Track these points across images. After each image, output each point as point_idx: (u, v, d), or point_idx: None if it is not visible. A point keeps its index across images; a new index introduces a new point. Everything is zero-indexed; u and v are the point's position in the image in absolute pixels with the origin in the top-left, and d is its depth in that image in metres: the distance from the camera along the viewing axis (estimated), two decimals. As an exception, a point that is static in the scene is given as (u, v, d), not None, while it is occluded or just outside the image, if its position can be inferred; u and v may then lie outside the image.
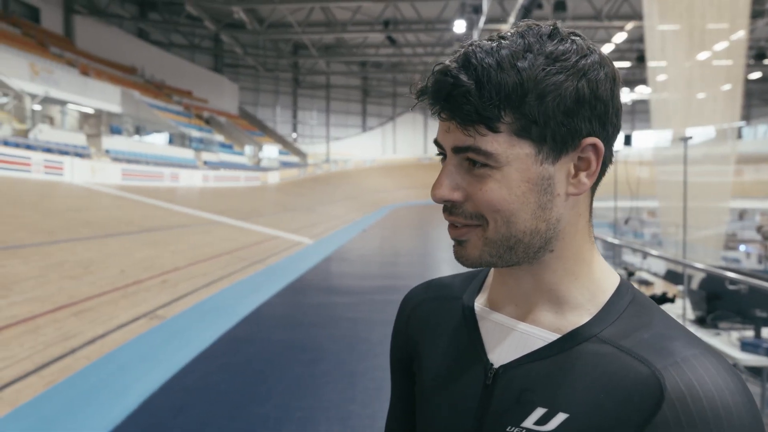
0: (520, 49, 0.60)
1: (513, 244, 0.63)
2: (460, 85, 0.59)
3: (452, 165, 0.64)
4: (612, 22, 28.27)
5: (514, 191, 0.61)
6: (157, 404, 4.35)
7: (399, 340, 0.83)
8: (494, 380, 0.67)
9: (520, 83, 0.59)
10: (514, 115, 0.60)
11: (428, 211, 33.67)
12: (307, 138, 49.43)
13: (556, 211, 0.63)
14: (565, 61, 0.60)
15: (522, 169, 0.61)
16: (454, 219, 0.65)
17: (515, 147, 0.60)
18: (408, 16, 32.01)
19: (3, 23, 22.36)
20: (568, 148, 0.62)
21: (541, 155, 0.61)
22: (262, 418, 4.16)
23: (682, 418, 0.55)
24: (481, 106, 0.59)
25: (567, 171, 0.63)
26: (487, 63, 0.59)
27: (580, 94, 0.60)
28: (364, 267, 12.40)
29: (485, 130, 0.60)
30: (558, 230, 0.64)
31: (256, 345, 6.09)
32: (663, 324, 0.63)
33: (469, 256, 0.65)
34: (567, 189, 0.63)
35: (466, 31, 27.11)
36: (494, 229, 0.63)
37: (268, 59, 41.63)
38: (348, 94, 51.63)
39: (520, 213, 0.62)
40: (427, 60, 42.62)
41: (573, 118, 0.60)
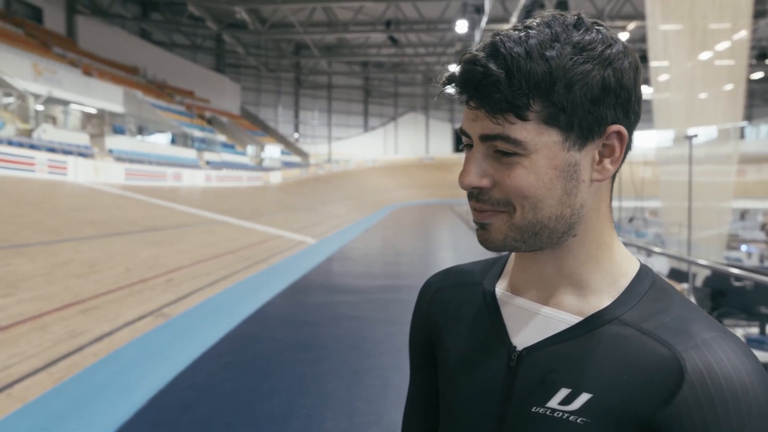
0: (548, 38, 0.61)
1: (538, 230, 0.65)
2: (490, 74, 0.61)
3: (479, 153, 0.65)
4: (614, 22, 28.25)
5: (542, 178, 0.63)
6: (164, 401, 4.38)
7: (420, 327, 0.85)
8: (518, 362, 0.68)
9: (549, 72, 0.60)
10: (542, 104, 0.61)
11: (430, 211, 33.70)
12: (308, 138, 49.48)
13: (581, 196, 0.65)
14: (592, 50, 0.61)
15: (550, 156, 0.63)
16: (480, 206, 0.66)
17: (543, 135, 0.62)
18: (410, 16, 32.05)
19: (6, 23, 22.42)
20: (594, 136, 0.63)
21: (568, 142, 0.63)
22: (268, 415, 4.20)
23: (701, 397, 0.57)
24: (511, 94, 0.60)
25: (592, 157, 0.65)
26: (516, 52, 0.60)
27: (606, 82, 0.61)
28: (367, 266, 12.43)
29: (514, 119, 0.61)
30: (581, 215, 0.66)
31: (260, 343, 6.13)
32: (683, 308, 0.65)
33: (493, 239, 0.67)
34: (591, 175, 0.65)
35: (468, 31, 27.13)
36: (521, 215, 0.64)
37: (270, 59, 41.67)
38: (350, 94, 51.66)
39: (547, 199, 0.64)
40: (429, 60, 42.66)
41: (599, 106, 0.62)
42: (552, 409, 0.64)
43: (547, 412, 0.65)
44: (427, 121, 54.87)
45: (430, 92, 53.81)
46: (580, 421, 0.62)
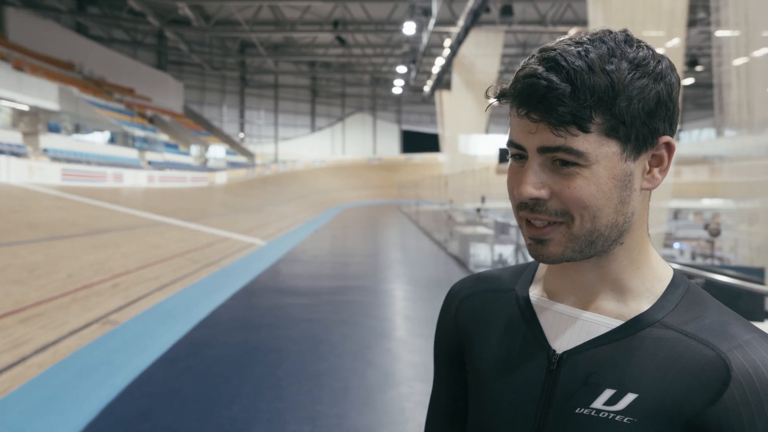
0: (606, 53, 0.63)
1: (595, 239, 0.66)
2: (555, 87, 0.62)
3: (536, 164, 0.66)
4: (556, 27, 29.11)
5: (602, 188, 0.64)
6: (120, 411, 4.23)
7: (447, 331, 0.85)
8: (558, 365, 0.70)
9: (612, 86, 0.62)
10: (604, 116, 0.63)
11: (378, 211, 33.81)
12: (254, 138, 48.77)
13: (632, 205, 0.67)
14: (646, 66, 0.64)
15: (609, 166, 0.64)
16: (536, 216, 0.67)
17: (604, 146, 0.64)
18: (357, 16, 32.07)
19: (-71, 14, 21.11)
20: (648, 146, 0.66)
21: (625, 153, 0.65)
22: (229, 421, 4.11)
23: (749, 395, 0.60)
24: (576, 107, 0.62)
25: (643, 167, 0.67)
26: (579, 66, 0.62)
27: (660, 96, 0.64)
28: (318, 268, 12.35)
29: (577, 131, 0.63)
30: (631, 223, 0.68)
31: (216, 348, 5.99)
32: (719, 311, 0.68)
33: (551, 253, 0.68)
34: (642, 184, 0.67)
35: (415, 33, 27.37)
36: (580, 225, 0.66)
37: (214, 57, 40.86)
38: (297, 93, 51.24)
39: (605, 208, 0.65)
40: (376, 61, 42.82)
41: (654, 119, 0.64)
42: (597, 410, 0.66)
43: (592, 413, 0.66)
44: (375, 122, 55.03)
45: (378, 93, 54.03)
46: (626, 420, 0.64)
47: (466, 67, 26.21)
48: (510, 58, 39.41)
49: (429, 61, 34.82)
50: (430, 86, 36.66)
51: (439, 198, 19.74)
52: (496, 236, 11.48)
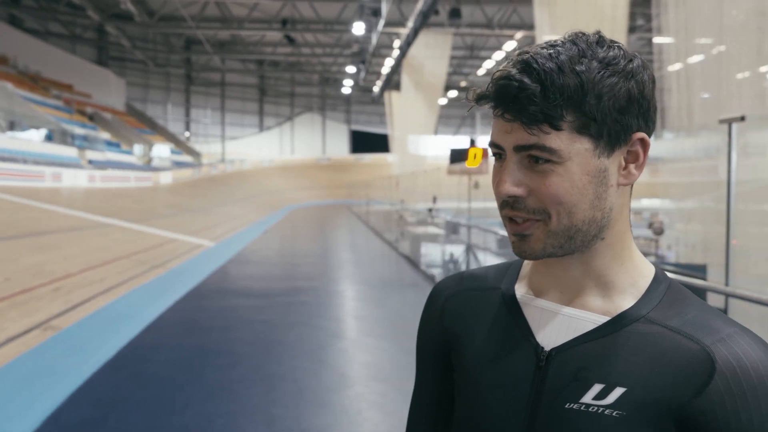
0: (576, 54, 0.65)
1: (573, 234, 0.68)
2: (526, 88, 0.64)
3: (513, 163, 0.68)
4: (503, 30, 29.71)
5: (576, 184, 0.67)
6: (65, 419, 4.06)
7: (432, 332, 0.86)
8: (547, 362, 0.71)
9: (581, 85, 0.64)
10: (575, 114, 0.65)
11: (328, 211, 33.68)
12: (201, 137, 47.72)
13: (609, 200, 0.69)
14: (616, 65, 0.66)
15: (582, 162, 0.66)
16: (516, 214, 0.69)
17: (576, 143, 0.66)
18: (306, 15, 31.84)
19: None
20: (621, 143, 0.68)
21: (598, 149, 0.67)
22: (183, 427, 4.01)
23: (732, 386, 0.62)
24: (546, 106, 0.64)
25: (618, 163, 0.69)
26: (549, 67, 0.64)
27: (631, 93, 0.66)
28: (270, 269, 12.21)
29: (549, 129, 0.65)
30: (610, 219, 0.70)
31: (166, 352, 5.83)
32: (700, 307, 0.70)
33: (532, 249, 0.70)
34: (618, 180, 0.69)
35: (365, 33, 27.40)
36: (557, 221, 0.68)
37: (158, 54, 39.80)
38: (244, 92, 50.45)
39: (581, 204, 0.67)
40: (325, 60, 42.62)
41: (625, 116, 0.67)
42: (587, 404, 0.67)
43: (581, 407, 0.67)
44: (324, 122, 54.78)
45: (327, 93, 53.81)
46: (615, 414, 0.66)
47: (416, 68, 26.44)
48: (458, 60, 39.99)
49: (378, 62, 34.94)
50: (379, 87, 36.78)
51: (389, 198, 19.82)
52: (447, 236, 11.62)
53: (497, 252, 10.92)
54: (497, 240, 10.91)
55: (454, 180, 12.56)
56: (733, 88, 5.93)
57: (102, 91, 35.87)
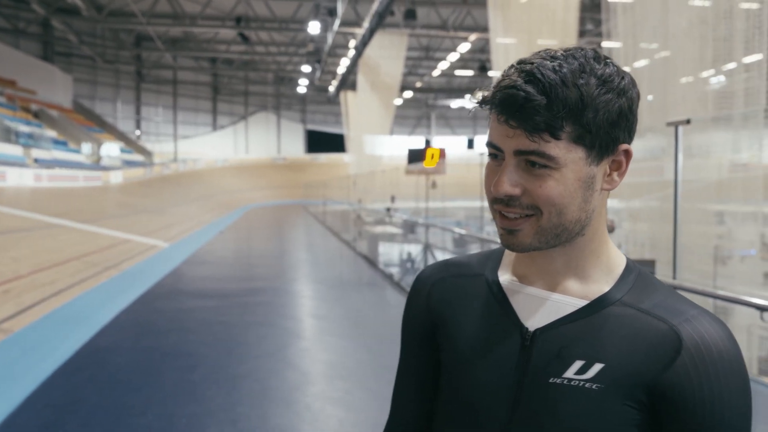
0: (577, 69, 0.72)
1: (560, 232, 0.76)
2: (532, 98, 0.70)
3: (511, 165, 0.75)
4: (457, 32, 30.10)
5: (568, 188, 0.74)
6: (20, 424, 3.97)
7: (418, 316, 0.92)
8: (532, 341, 0.79)
9: (581, 99, 0.71)
10: (573, 126, 0.72)
11: (285, 211, 33.42)
12: (152, 136, 46.51)
13: (594, 203, 0.77)
14: (612, 82, 0.73)
15: (576, 170, 0.74)
16: (510, 210, 0.76)
17: (572, 152, 0.73)
18: (261, 13, 31.50)
19: None
20: (609, 153, 0.76)
21: (589, 158, 0.74)
22: (144, 429, 3.97)
23: (697, 361, 0.72)
24: (550, 117, 0.71)
25: (604, 170, 0.77)
26: (553, 80, 0.70)
27: (622, 109, 0.74)
28: (226, 269, 12.08)
29: (549, 138, 0.72)
30: (591, 219, 0.78)
31: (123, 355, 5.74)
32: (666, 292, 0.80)
33: (521, 243, 0.77)
34: (602, 185, 0.78)
35: (320, 32, 27.33)
36: (547, 219, 0.75)
37: (107, 50, 38.66)
38: (197, 90, 49.49)
39: (570, 206, 0.75)
40: (280, 59, 42.24)
41: (615, 129, 0.74)
42: (569, 379, 0.75)
43: (564, 381, 0.76)
44: (279, 121, 54.26)
45: (282, 92, 53.34)
46: (595, 387, 0.74)
47: (371, 68, 26.51)
48: (413, 61, 40.25)
49: (334, 61, 34.86)
50: (335, 86, 36.71)
51: (347, 198, 19.84)
52: (404, 235, 11.74)
53: (454, 251, 11.10)
54: (454, 239, 11.11)
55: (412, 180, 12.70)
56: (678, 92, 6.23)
57: (48, 87, 34.56)
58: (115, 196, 25.36)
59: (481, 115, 0.72)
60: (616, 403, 0.74)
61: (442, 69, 39.24)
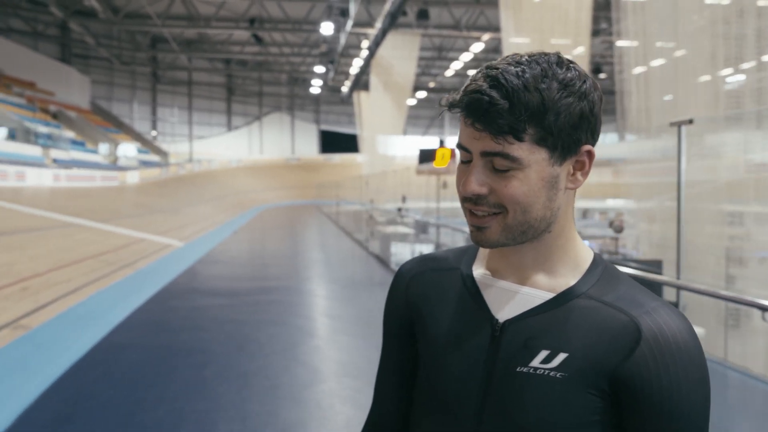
0: (539, 74, 0.75)
1: (526, 229, 0.80)
2: (496, 103, 0.74)
3: (479, 165, 0.79)
4: (470, 32, 30.05)
5: (532, 187, 0.78)
6: (36, 416, 4.06)
7: (397, 308, 0.97)
8: (501, 332, 0.82)
9: (542, 102, 0.74)
10: (535, 128, 0.75)
11: (298, 211, 33.58)
12: (168, 136, 46.97)
13: (558, 201, 0.81)
14: (573, 86, 0.77)
15: (539, 170, 0.77)
16: (477, 208, 0.80)
17: (535, 153, 0.76)
18: (274, 15, 31.68)
19: None
20: (572, 153, 0.80)
21: (552, 159, 0.78)
22: (156, 424, 4.05)
23: (655, 350, 0.76)
24: (512, 120, 0.74)
25: (567, 170, 0.81)
26: (516, 84, 0.74)
27: (583, 112, 0.78)
28: (240, 269, 12.18)
29: (513, 140, 0.75)
30: (557, 216, 0.82)
31: (137, 351, 5.83)
32: (629, 284, 0.84)
33: (488, 239, 0.81)
34: (566, 184, 0.81)
35: (333, 33, 27.43)
36: (513, 217, 0.79)
37: (123, 51, 39.10)
38: (212, 91, 49.87)
39: (535, 204, 0.78)
40: (294, 60, 42.43)
41: (577, 131, 0.78)
42: (535, 368, 0.79)
43: (530, 370, 0.79)
44: (293, 122, 54.51)
45: (296, 93, 53.58)
46: (558, 375, 0.78)
47: (384, 69, 26.58)
48: (426, 61, 40.24)
49: (347, 62, 34.97)
50: (348, 87, 36.82)
51: (359, 198, 19.91)
52: (416, 235, 11.78)
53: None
54: (465, 239, 11.12)
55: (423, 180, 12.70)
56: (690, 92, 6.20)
57: (66, 88, 35.06)
58: (131, 196, 25.67)
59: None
60: (580, 391, 0.77)
61: (456, 69, 39.14)
